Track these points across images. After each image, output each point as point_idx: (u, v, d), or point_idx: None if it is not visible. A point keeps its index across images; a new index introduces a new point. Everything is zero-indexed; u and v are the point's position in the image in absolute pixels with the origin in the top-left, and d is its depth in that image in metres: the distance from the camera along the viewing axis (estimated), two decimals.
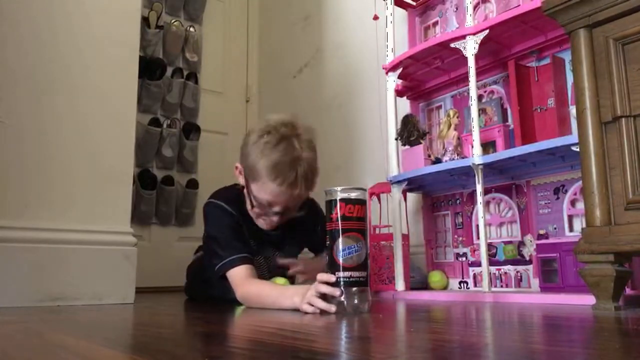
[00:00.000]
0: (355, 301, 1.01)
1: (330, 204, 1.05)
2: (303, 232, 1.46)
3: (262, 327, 0.86)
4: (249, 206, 1.36)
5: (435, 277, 1.74)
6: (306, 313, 1.02)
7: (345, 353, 0.56)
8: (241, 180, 1.36)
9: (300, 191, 1.27)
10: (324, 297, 1.02)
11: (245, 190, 1.35)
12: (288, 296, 1.11)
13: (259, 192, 1.29)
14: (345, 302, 1.00)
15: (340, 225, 1.03)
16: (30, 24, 1.41)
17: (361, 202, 1.05)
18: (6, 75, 1.37)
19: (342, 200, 1.03)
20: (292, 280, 1.40)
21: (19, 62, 1.39)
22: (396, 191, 1.71)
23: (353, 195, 1.04)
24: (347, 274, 1.01)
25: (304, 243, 1.53)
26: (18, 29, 1.40)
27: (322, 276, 1.03)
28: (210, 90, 2.84)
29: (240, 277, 1.25)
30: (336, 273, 1.02)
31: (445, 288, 1.73)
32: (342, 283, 1.01)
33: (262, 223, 1.37)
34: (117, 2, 1.57)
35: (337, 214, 1.03)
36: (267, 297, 1.16)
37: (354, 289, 1.01)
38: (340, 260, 1.02)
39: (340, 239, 1.02)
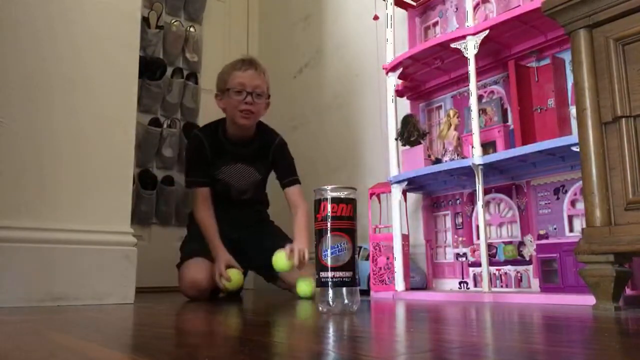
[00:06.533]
0: (345, 301, 1.01)
1: (319, 203, 1.03)
2: (267, 152, 1.86)
3: (261, 327, 0.86)
4: (231, 111, 1.76)
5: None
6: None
7: (345, 353, 0.56)
8: (221, 105, 1.79)
9: (256, 70, 1.76)
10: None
11: (224, 109, 1.78)
12: (216, 255, 1.68)
13: (232, 83, 1.74)
14: (332, 303, 1.00)
15: (327, 224, 1.01)
16: (28, 24, 1.41)
17: (350, 201, 1.03)
18: (6, 75, 1.37)
19: (331, 199, 1.02)
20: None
21: (18, 62, 1.39)
22: (396, 191, 1.71)
23: (343, 194, 1.02)
24: (333, 274, 1.00)
25: (271, 163, 1.89)
26: (16, 29, 1.40)
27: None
28: (210, 90, 2.82)
29: (199, 198, 1.78)
30: (322, 273, 1.01)
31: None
32: (329, 283, 1.00)
33: (240, 116, 1.74)
34: (117, 2, 1.57)
35: (324, 213, 1.02)
36: (206, 236, 1.73)
37: (343, 289, 1.00)
38: (326, 261, 1.01)
39: (325, 239, 1.01)
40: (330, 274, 1.00)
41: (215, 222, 1.76)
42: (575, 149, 1.19)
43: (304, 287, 1.59)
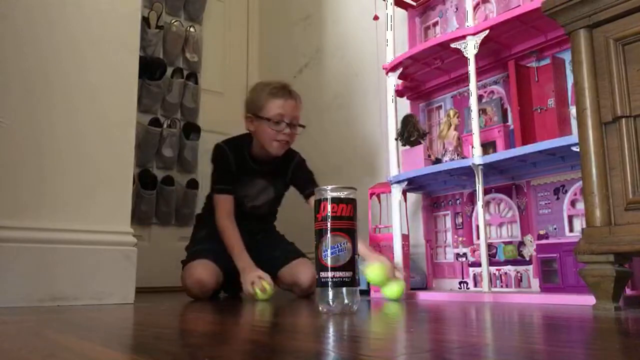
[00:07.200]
0: (345, 301, 1.01)
1: (319, 203, 1.03)
2: (286, 170, 1.90)
3: (262, 327, 0.86)
4: (264, 138, 1.77)
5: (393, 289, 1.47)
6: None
7: (345, 353, 0.56)
8: (251, 127, 1.80)
9: (296, 101, 1.78)
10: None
11: (255, 132, 1.79)
12: (241, 266, 1.65)
13: (270, 112, 1.74)
14: (332, 303, 1.00)
15: (327, 224, 1.01)
16: (29, 24, 1.41)
17: (350, 201, 1.03)
18: (6, 76, 1.37)
19: (331, 199, 1.02)
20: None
21: (18, 63, 1.39)
22: (396, 191, 1.71)
23: (343, 194, 1.02)
24: (333, 274, 1.00)
25: (289, 180, 1.92)
26: (16, 30, 1.39)
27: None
28: (210, 90, 2.84)
29: (221, 207, 1.78)
30: (322, 273, 1.01)
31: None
32: (329, 283, 1.00)
33: (276, 146, 1.78)
34: (117, 2, 1.57)
35: (324, 213, 1.01)
36: (230, 247, 1.71)
37: (343, 289, 1.00)
38: (326, 261, 1.00)
39: (325, 239, 1.01)
40: (330, 274, 1.00)
41: (239, 233, 1.74)
42: (575, 149, 1.19)
43: (396, 288, 1.47)
